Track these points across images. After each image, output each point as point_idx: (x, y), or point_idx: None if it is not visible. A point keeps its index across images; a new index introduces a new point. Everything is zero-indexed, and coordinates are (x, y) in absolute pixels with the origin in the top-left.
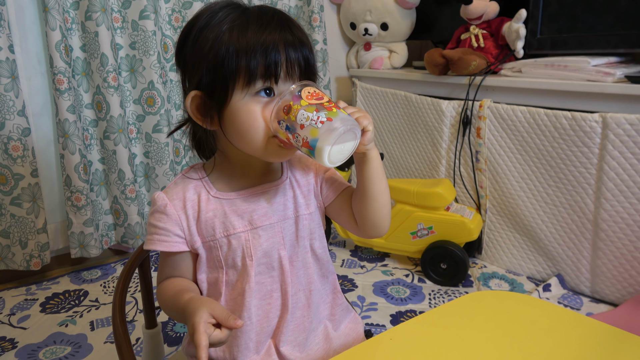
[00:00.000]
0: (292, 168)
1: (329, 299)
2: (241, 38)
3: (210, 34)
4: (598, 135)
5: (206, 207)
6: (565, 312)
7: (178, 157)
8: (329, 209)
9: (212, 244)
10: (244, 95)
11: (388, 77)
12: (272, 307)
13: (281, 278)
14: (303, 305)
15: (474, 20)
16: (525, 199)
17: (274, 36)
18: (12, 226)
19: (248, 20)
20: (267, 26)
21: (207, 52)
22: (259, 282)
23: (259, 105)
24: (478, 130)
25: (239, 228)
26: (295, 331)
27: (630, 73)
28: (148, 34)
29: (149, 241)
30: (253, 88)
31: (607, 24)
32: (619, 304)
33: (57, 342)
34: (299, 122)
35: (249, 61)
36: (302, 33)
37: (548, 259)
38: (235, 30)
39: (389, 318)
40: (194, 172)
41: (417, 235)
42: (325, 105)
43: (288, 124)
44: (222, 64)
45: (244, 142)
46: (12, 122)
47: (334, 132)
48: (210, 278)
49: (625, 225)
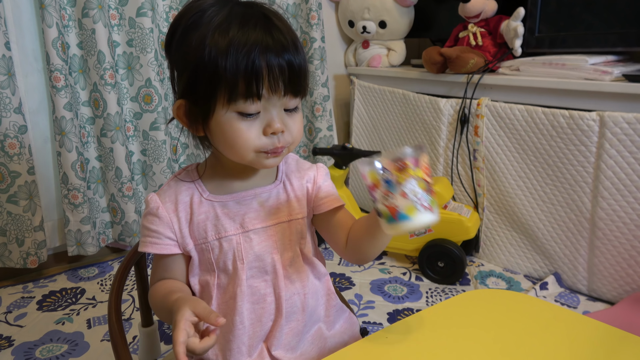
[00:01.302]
0: (288, 171)
1: (323, 301)
2: (220, 56)
3: (193, 39)
4: (595, 134)
5: (198, 209)
6: (562, 311)
7: (175, 155)
8: (315, 219)
9: (204, 247)
10: (226, 111)
11: (386, 75)
12: (266, 311)
13: (274, 282)
14: (298, 310)
15: (472, 19)
16: (522, 197)
17: (254, 47)
18: (8, 224)
19: (229, 29)
20: (248, 37)
21: (190, 61)
22: (251, 285)
23: (243, 123)
24: (476, 129)
25: (230, 231)
26: (289, 335)
27: (628, 72)
28: (145, 31)
29: (142, 243)
30: (234, 106)
31: (605, 23)
32: (615, 302)
33: (53, 340)
34: (404, 189)
35: (230, 80)
36: (287, 35)
37: (545, 258)
38: (218, 41)
39: (386, 316)
40: (186, 174)
41: (414, 233)
42: (431, 189)
43: (392, 180)
44: (203, 79)
45: (229, 153)
46: (9, 120)
47: (428, 222)
48: (201, 281)
49: (622, 224)
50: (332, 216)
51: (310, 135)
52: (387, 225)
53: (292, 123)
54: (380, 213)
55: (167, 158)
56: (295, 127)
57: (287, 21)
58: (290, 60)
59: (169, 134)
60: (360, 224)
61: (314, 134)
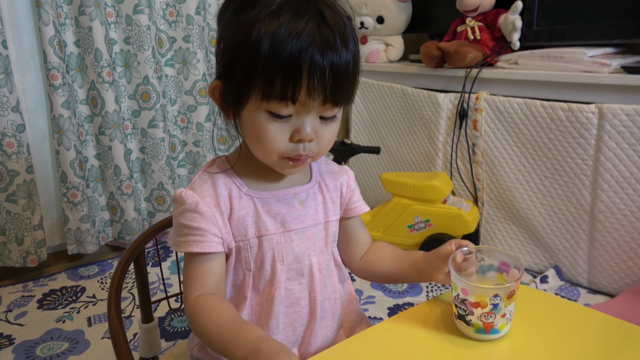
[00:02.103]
0: (321, 171)
1: (345, 305)
2: (263, 46)
3: (245, 18)
4: (594, 126)
5: (239, 204)
6: (564, 303)
7: (174, 152)
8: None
9: (242, 245)
10: (258, 106)
11: (384, 71)
12: (299, 315)
13: (310, 285)
14: (328, 315)
15: (470, 13)
16: (522, 191)
17: (299, 42)
18: (7, 223)
19: (280, 17)
20: (297, 29)
21: (234, 41)
22: (288, 288)
23: (273, 125)
24: (475, 123)
25: (271, 229)
26: (320, 341)
27: (626, 64)
28: (142, 28)
29: (184, 243)
30: (267, 105)
31: (603, 15)
32: (616, 294)
33: (54, 338)
34: (506, 311)
35: (267, 75)
36: (339, 34)
37: (545, 251)
38: (266, 27)
39: (386, 311)
40: (217, 167)
41: (414, 228)
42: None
43: (499, 304)
44: (242, 65)
45: (254, 149)
46: (7, 119)
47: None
48: (235, 281)
49: (622, 216)
50: (349, 225)
51: None
52: (473, 334)
53: (325, 133)
54: (471, 324)
55: (166, 156)
56: (327, 138)
57: (345, 18)
58: (336, 63)
59: (168, 132)
60: (400, 265)
61: None
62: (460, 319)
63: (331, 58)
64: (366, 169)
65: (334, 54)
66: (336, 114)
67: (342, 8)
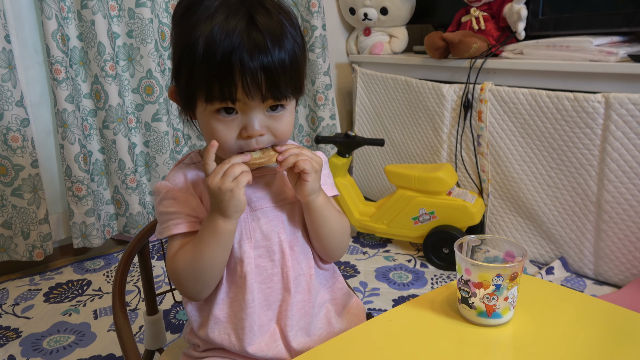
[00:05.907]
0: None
1: (329, 283)
2: (198, 52)
3: (189, 22)
4: (601, 116)
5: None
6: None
7: (178, 146)
8: None
9: None
10: (205, 108)
11: (388, 62)
12: (273, 290)
13: (282, 262)
14: (304, 290)
15: (475, 3)
16: (527, 182)
17: (230, 45)
18: (13, 217)
19: (213, 20)
20: (228, 32)
21: (176, 51)
22: (259, 265)
23: (220, 124)
24: (479, 114)
25: None
26: (298, 315)
27: (633, 52)
28: (145, 22)
29: (165, 229)
30: (211, 106)
31: (610, 3)
32: (622, 285)
33: (60, 331)
34: (508, 294)
35: (205, 81)
36: (272, 32)
37: (551, 242)
38: (202, 31)
39: (391, 303)
40: (189, 159)
41: (419, 220)
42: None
43: (502, 285)
44: (185, 71)
45: None
46: (11, 113)
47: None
48: None
49: (629, 207)
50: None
51: (313, 124)
52: (476, 318)
53: (276, 125)
54: (473, 307)
55: (170, 149)
56: (280, 130)
57: (283, 13)
58: (267, 64)
59: (171, 125)
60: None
61: (317, 122)
62: (464, 302)
63: (261, 60)
64: (370, 161)
65: (264, 55)
66: (285, 106)
67: (280, 5)
